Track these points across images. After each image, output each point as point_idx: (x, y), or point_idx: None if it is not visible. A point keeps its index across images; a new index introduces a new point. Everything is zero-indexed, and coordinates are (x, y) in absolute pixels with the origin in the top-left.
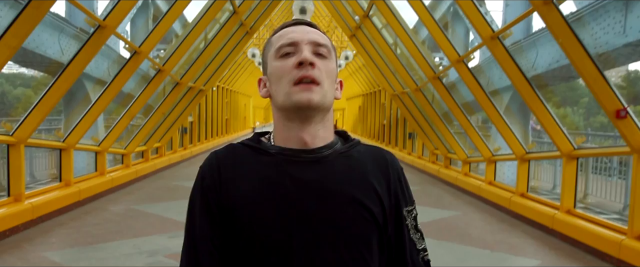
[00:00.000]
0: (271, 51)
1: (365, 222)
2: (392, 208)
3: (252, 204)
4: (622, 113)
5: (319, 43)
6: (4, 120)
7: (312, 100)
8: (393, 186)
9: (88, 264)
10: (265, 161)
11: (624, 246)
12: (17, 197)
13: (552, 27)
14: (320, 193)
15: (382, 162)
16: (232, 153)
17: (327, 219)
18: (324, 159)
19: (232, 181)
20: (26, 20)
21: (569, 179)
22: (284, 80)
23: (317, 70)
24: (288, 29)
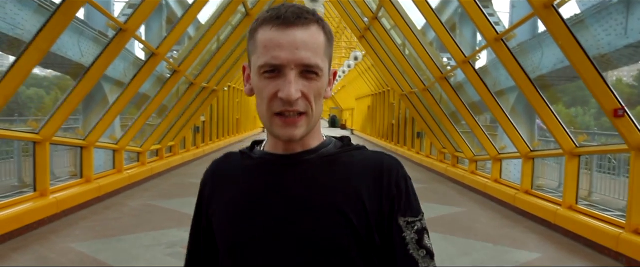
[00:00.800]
0: (254, 60)
1: (341, 231)
2: (382, 217)
3: (226, 209)
4: (620, 112)
5: (308, 65)
6: (31, 120)
7: (295, 136)
8: (386, 193)
9: (111, 254)
10: (246, 166)
11: (622, 240)
12: (43, 192)
13: (553, 30)
14: (290, 199)
15: (377, 168)
16: (225, 160)
17: (296, 226)
18: (303, 163)
19: (217, 189)
20: (55, 26)
21: (571, 176)
22: (264, 104)
23: (302, 101)
24: (274, 36)
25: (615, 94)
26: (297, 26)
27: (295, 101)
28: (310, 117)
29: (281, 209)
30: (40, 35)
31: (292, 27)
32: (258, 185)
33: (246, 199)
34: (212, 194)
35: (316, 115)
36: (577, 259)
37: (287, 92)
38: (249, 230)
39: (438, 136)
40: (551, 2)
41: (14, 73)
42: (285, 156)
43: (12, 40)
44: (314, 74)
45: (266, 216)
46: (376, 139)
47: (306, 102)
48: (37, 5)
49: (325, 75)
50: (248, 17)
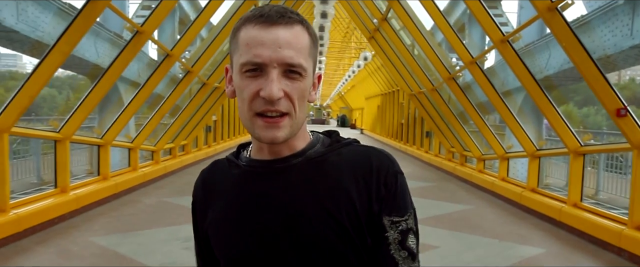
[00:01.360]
0: (236, 58)
1: (333, 234)
2: (372, 217)
3: (218, 223)
4: (622, 112)
5: (291, 64)
6: (52, 119)
7: (277, 138)
8: (375, 193)
9: (130, 248)
10: (233, 175)
11: (624, 236)
12: (63, 189)
13: (556, 32)
14: (281, 206)
15: (365, 165)
16: (212, 170)
17: (289, 235)
18: (291, 168)
19: (208, 200)
20: (77, 29)
21: (575, 174)
22: (245, 104)
23: (284, 101)
24: (256, 34)
25: (617, 93)
26: (280, 25)
27: (277, 100)
28: (293, 118)
29: (273, 219)
30: (62, 38)
31: (275, 25)
32: (247, 195)
33: (237, 211)
34: (205, 206)
35: (300, 117)
36: (580, 254)
37: (269, 90)
38: (244, 243)
39: (446, 135)
40: (555, 5)
41: (38, 74)
42: (272, 161)
43: (33, 42)
44: (298, 74)
45: (259, 228)
46: (386, 138)
47: (289, 102)
48: (57, 7)
49: (309, 76)
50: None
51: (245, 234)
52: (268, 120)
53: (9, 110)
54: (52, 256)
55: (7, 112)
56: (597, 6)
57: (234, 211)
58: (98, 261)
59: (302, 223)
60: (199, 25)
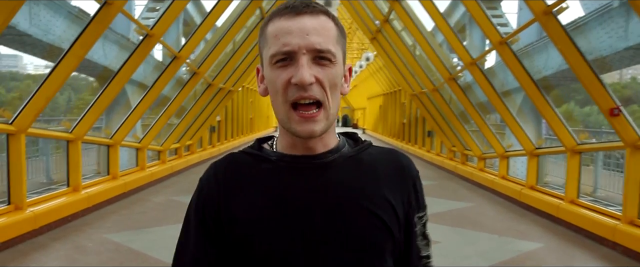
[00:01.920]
0: (266, 52)
1: (378, 231)
2: (404, 215)
3: (253, 218)
4: (616, 111)
5: (320, 49)
6: (65, 120)
7: (314, 132)
8: (407, 193)
9: (143, 244)
10: (265, 169)
11: (618, 230)
12: (76, 188)
13: (552, 34)
14: (326, 202)
15: (397, 167)
16: (232, 163)
17: (335, 229)
18: (330, 164)
19: (232, 194)
20: (91, 33)
21: (572, 172)
22: (280, 96)
23: (316, 87)
24: (284, 25)
25: (611, 94)
26: (306, 14)
27: (310, 86)
28: (328, 110)
29: (319, 213)
30: (77, 42)
31: (301, 14)
32: (288, 190)
33: (278, 205)
34: (227, 199)
35: (333, 108)
36: (576, 248)
37: (300, 75)
38: (289, 236)
39: (448, 135)
40: (550, 9)
41: (54, 77)
42: (308, 156)
43: (44, 45)
44: (327, 61)
45: (305, 220)
46: (388, 137)
47: (321, 89)
48: (67, 11)
49: (339, 63)
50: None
51: (291, 228)
52: (304, 115)
53: (26, 111)
54: (69, 252)
55: (24, 113)
56: (593, 8)
57: (275, 205)
58: (114, 256)
59: (347, 220)
60: (205, 28)
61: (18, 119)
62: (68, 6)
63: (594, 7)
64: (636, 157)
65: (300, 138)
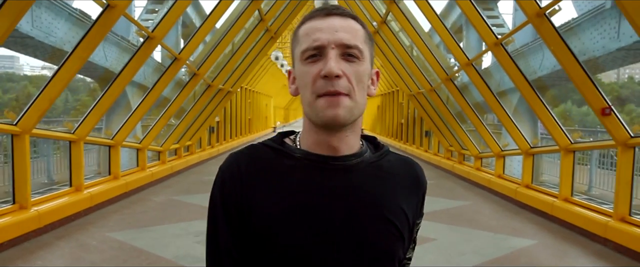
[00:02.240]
0: (297, 50)
1: (393, 238)
2: (413, 222)
3: (273, 213)
4: (607, 111)
5: (347, 45)
6: (66, 121)
7: (338, 116)
8: (416, 202)
9: (145, 242)
10: (288, 164)
11: (609, 227)
12: (78, 187)
13: (545, 36)
14: (348, 204)
15: (413, 177)
16: (253, 154)
17: (352, 232)
18: (353, 167)
19: (253, 185)
20: (94, 36)
21: (566, 170)
22: (308, 89)
23: (343, 81)
24: (315, 23)
25: (602, 94)
26: (335, 15)
27: (337, 79)
28: (353, 100)
29: (339, 214)
30: (80, 44)
31: (330, 15)
32: (311, 189)
33: (299, 203)
34: (248, 190)
35: (359, 102)
36: (569, 245)
37: (328, 67)
38: (307, 234)
39: (445, 135)
40: (543, 11)
41: (58, 79)
42: (332, 157)
43: (46, 47)
44: (355, 57)
45: (325, 220)
46: (386, 137)
47: (348, 83)
48: (67, 14)
49: (366, 61)
50: (262, 22)
51: (310, 225)
52: (328, 99)
53: (30, 112)
54: (73, 250)
55: (28, 114)
56: (586, 9)
57: (297, 202)
58: (117, 254)
59: (364, 225)
60: (205, 30)
61: (22, 120)
62: (69, 8)
63: (587, 8)
64: (627, 156)
65: (325, 127)
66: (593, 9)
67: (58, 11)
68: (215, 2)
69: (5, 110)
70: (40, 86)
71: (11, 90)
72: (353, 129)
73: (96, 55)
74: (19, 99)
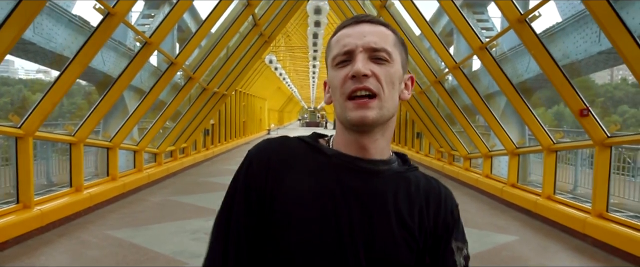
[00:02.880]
0: (329, 58)
1: (408, 249)
2: (437, 240)
3: (296, 201)
4: (585, 112)
5: (375, 48)
6: (67, 124)
7: (366, 118)
8: (442, 219)
9: (144, 239)
10: (319, 160)
11: (588, 223)
12: (78, 188)
13: (526, 41)
14: (368, 207)
15: (437, 194)
16: (286, 144)
17: (369, 236)
18: (380, 173)
19: (281, 172)
20: (95, 42)
21: (549, 169)
22: (338, 92)
23: (372, 80)
24: (345, 32)
25: (580, 96)
26: (365, 22)
27: (365, 78)
28: (382, 101)
29: (355, 215)
30: (82, 50)
31: (361, 23)
32: (337, 187)
33: (323, 199)
34: (274, 178)
35: (389, 103)
36: (549, 240)
37: (357, 67)
38: (323, 231)
39: (435, 136)
40: (524, 18)
41: (60, 83)
42: (362, 159)
43: (47, 53)
44: (383, 60)
45: (347, 220)
46: None
47: (377, 83)
48: (67, 20)
49: (396, 63)
50: (256, 27)
51: (325, 224)
52: (358, 102)
53: (34, 116)
54: (75, 247)
55: (31, 117)
56: (570, 14)
57: (319, 199)
58: (117, 251)
59: (382, 233)
60: (201, 35)
61: (26, 123)
62: (69, 15)
63: (570, 13)
64: (604, 155)
65: (355, 128)
66: (576, 14)
67: (58, 18)
68: (211, 7)
69: (10, 114)
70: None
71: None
72: (383, 133)
73: (94, 60)
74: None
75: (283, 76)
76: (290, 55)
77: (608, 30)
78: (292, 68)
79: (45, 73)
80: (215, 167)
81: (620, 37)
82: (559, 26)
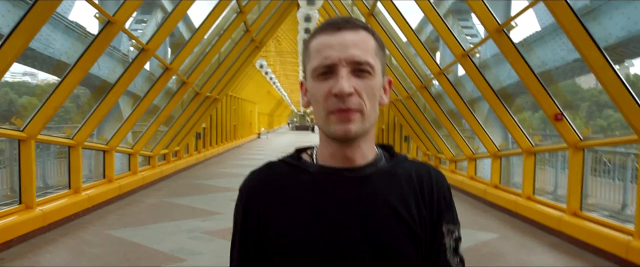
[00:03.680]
0: (309, 66)
1: (410, 243)
2: (432, 225)
3: (292, 229)
4: (559, 116)
5: (358, 62)
6: (65, 127)
7: (350, 132)
8: (436, 203)
9: (143, 238)
10: (304, 180)
11: (563, 221)
12: (76, 190)
13: (503, 50)
14: (363, 215)
15: (428, 180)
16: (270, 173)
17: (372, 243)
18: (367, 178)
19: (271, 204)
20: (95, 49)
21: (528, 171)
22: (320, 105)
23: (355, 98)
24: (325, 40)
25: (555, 101)
26: (346, 29)
27: (348, 97)
28: (365, 115)
29: (355, 228)
30: (83, 57)
31: (341, 30)
32: (327, 202)
33: (316, 217)
34: (266, 209)
35: (371, 115)
36: (527, 237)
37: (340, 86)
38: (325, 250)
39: (422, 140)
40: (501, 27)
41: (62, 88)
42: (347, 169)
43: (45, 58)
44: (366, 72)
45: (341, 234)
46: None
47: (359, 99)
48: (64, 26)
49: (378, 75)
50: (248, 33)
51: (326, 242)
52: (340, 115)
53: (36, 120)
54: (77, 245)
55: (34, 121)
56: (548, 23)
57: (313, 217)
58: (117, 248)
59: (384, 234)
60: (194, 41)
61: (28, 126)
62: (66, 21)
63: (549, 22)
64: (577, 157)
65: (338, 140)
66: (554, 23)
67: (56, 24)
68: (202, 13)
69: (13, 117)
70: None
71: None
72: (366, 139)
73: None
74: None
75: (273, 80)
76: (280, 59)
77: (576, 41)
78: (282, 72)
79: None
80: (208, 170)
81: (587, 48)
82: (539, 35)
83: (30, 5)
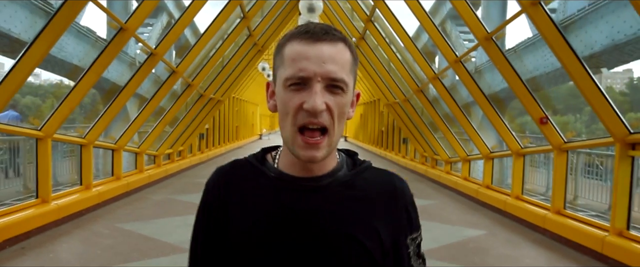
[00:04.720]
0: (281, 73)
1: (360, 260)
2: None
3: (246, 230)
4: (544, 120)
5: (334, 78)
6: (78, 127)
7: (315, 158)
8: (398, 217)
9: (151, 231)
10: (262, 184)
11: (547, 219)
12: (88, 186)
13: (492, 57)
14: (312, 226)
15: (390, 191)
16: (234, 171)
17: (316, 255)
18: (322, 188)
19: (231, 201)
20: (108, 54)
21: (517, 172)
22: (289, 118)
23: (326, 115)
24: (302, 50)
25: (541, 105)
26: (324, 41)
27: (320, 113)
28: (332, 137)
29: (304, 237)
30: (97, 61)
31: (319, 41)
32: (280, 209)
33: (269, 223)
34: (224, 207)
35: (337, 135)
36: (513, 234)
37: (313, 102)
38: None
39: (419, 142)
40: (490, 36)
41: (77, 90)
42: (305, 178)
43: (57, 61)
44: (340, 89)
45: (289, 243)
46: (367, 145)
47: (330, 117)
48: (76, 30)
49: (349, 92)
50: (250, 37)
51: (274, 248)
52: (308, 141)
53: (53, 119)
54: (90, 237)
55: (51, 121)
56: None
57: (265, 222)
58: (128, 240)
59: (330, 246)
60: (200, 46)
61: (46, 126)
62: (78, 26)
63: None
64: (561, 159)
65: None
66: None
67: (68, 28)
68: (208, 20)
69: (31, 117)
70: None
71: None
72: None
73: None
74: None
75: None
76: None
77: (556, 51)
78: None
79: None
80: (210, 170)
81: (566, 57)
82: (530, 41)
83: (51, 15)
